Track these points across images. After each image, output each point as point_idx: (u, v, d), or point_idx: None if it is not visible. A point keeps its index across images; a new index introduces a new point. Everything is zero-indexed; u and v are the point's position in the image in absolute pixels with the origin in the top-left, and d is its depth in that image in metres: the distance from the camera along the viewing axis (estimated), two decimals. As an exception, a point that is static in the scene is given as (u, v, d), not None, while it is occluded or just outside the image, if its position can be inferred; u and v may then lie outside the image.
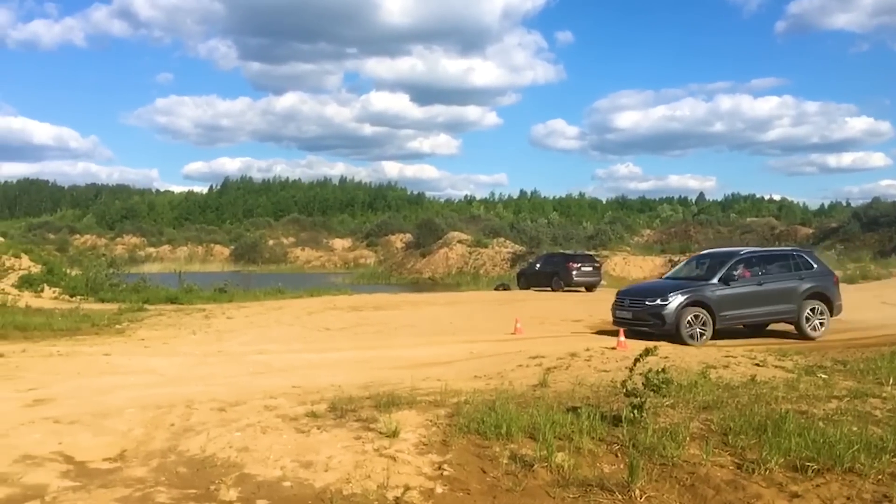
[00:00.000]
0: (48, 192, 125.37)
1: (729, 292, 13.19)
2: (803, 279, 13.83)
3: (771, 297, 13.43)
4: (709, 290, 13.17)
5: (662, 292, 13.17)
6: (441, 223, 61.95)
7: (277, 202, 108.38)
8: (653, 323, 12.90)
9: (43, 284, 24.76)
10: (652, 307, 12.99)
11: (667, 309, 12.78)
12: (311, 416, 6.35)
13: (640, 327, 12.98)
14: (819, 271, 14.25)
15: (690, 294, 13.02)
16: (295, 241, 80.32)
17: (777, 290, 13.55)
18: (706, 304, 12.93)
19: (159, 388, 8.77)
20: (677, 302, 12.82)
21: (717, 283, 13.29)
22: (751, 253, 14.57)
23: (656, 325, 12.81)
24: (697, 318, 12.79)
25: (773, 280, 13.68)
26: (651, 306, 13.01)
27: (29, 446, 5.67)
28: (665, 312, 12.77)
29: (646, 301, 13.19)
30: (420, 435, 5.68)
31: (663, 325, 12.74)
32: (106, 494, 4.68)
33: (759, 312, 13.46)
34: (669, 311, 12.76)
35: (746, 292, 13.34)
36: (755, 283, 13.46)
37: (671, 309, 12.77)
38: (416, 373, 8.93)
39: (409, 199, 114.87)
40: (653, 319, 12.92)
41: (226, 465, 5.19)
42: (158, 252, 77.62)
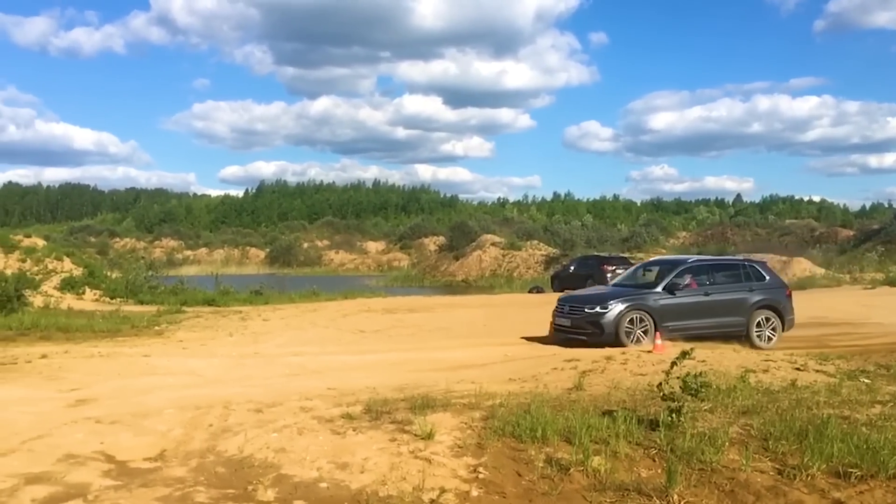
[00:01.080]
0: (89, 196, 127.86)
1: (673, 302, 12.54)
2: (754, 291, 13.12)
3: (718, 309, 12.73)
4: (652, 298, 12.53)
5: (602, 300, 12.55)
6: (474, 226, 61.92)
7: (312, 205, 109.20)
8: (591, 332, 12.21)
9: (84, 287, 25.24)
10: (591, 315, 12.29)
11: (605, 318, 12.13)
12: (347, 417, 6.38)
13: (578, 336, 12.39)
14: (771, 283, 13.55)
15: (632, 302, 12.38)
16: (329, 243, 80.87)
17: (725, 301, 12.88)
18: (648, 314, 12.29)
19: (197, 388, 8.90)
20: (617, 310, 12.17)
21: (661, 291, 12.64)
22: (699, 261, 13.97)
23: (594, 335, 12.13)
24: (640, 322, 12.19)
25: (721, 291, 13.00)
26: (590, 314, 12.31)
27: (72, 445, 5.79)
28: (604, 321, 12.12)
29: (585, 308, 12.50)
30: (455, 437, 5.68)
31: (601, 335, 12.06)
32: (146, 493, 4.75)
33: (706, 324, 12.49)
34: (608, 319, 12.11)
35: (692, 302, 12.67)
36: (702, 294, 12.82)
37: (610, 318, 12.11)
38: (451, 375, 8.94)
39: (443, 202, 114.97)
40: (591, 328, 12.24)
41: (263, 466, 5.25)
42: (195, 255, 78.64)
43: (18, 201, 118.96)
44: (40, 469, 5.20)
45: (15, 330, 14.34)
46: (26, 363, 10.67)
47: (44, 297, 21.43)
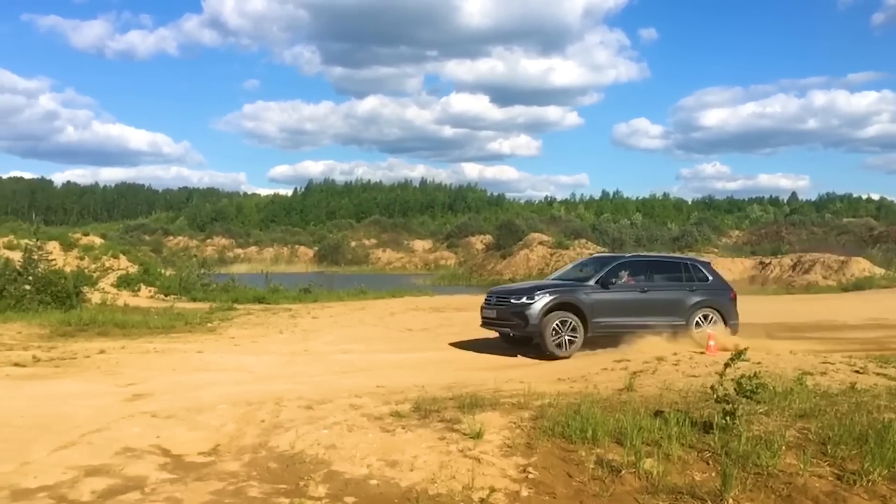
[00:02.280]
0: (144, 195, 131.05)
1: (606, 297, 11.86)
2: (694, 291, 12.47)
3: (655, 307, 12.09)
4: (583, 292, 11.85)
5: (529, 291, 11.91)
6: (521, 224, 61.70)
7: (359, 204, 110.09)
8: (515, 323, 11.64)
9: (139, 284, 25.84)
10: (516, 306, 11.64)
11: (531, 309, 11.41)
12: (396, 415, 6.41)
13: (503, 328, 12.02)
14: (714, 284, 12.90)
15: (560, 294, 11.72)
16: (376, 242, 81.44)
17: (663, 299, 12.26)
18: (577, 308, 11.60)
19: (249, 385, 9.04)
20: (543, 302, 11.46)
21: (593, 285, 11.98)
22: (637, 258, 13.41)
23: (518, 326, 11.61)
24: (566, 323, 11.43)
25: (659, 289, 12.40)
26: (515, 305, 11.66)
27: (129, 439, 5.93)
28: (529, 312, 11.39)
29: (511, 299, 11.85)
30: (504, 437, 5.66)
31: (526, 327, 11.46)
32: (201, 487, 4.84)
33: (640, 322, 11.90)
34: (533, 311, 11.38)
35: (627, 299, 12.05)
36: (638, 290, 12.20)
37: (535, 309, 11.39)
38: (499, 374, 8.91)
39: (489, 201, 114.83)
40: (515, 319, 11.60)
41: (314, 462, 5.30)
42: (246, 253, 79.95)
43: (77, 200, 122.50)
44: (99, 462, 5.35)
45: (74, 326, 14.75)
46: (85, 358, 10.97)
47: (101, 293, 21.99)
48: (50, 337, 13.61)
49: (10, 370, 10.01)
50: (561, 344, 11.27)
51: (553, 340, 11.23)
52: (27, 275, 19.27)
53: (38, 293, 18.17)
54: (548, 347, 11.20)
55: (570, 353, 11.22)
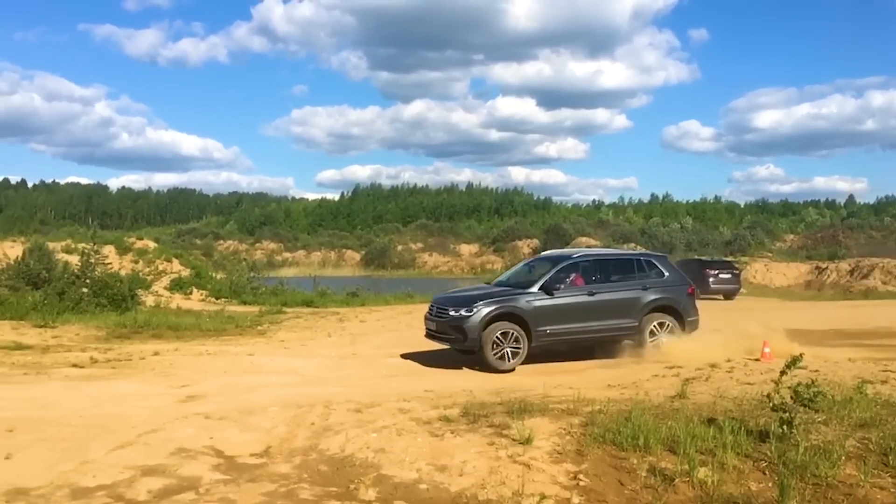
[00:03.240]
0: (195, 200, 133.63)
1: (550, 303, 11.04)
2: (648, 289, 11.62)
3: (605, 310, 11.28)
4: (524, 300, 11.06)
5: (468, 302, 11.12)
6: (569, 228, 61.36)
7: (406, 208, 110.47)
8: (454, 337, 10.96)
9: (192, 287, 26.38)
10: (454, 319, 10.92)
11: (469, 322, 10.70)
12: (445, 420, 6.40)
13: (444, 342, 11.34)
14: (670, 280, 12.01)
15: (500, 305, 10.96)
16: (423, 246, 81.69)
17: (613, 301, 11.42)
18: (519, 318, 10.87)
19: (299, 387, 9.14)
20: (482, 314, 10.75)
21: (536, 291, 11.15)
22: (584, 257, 12.26)
23: (458, 341, 10.94)
24: (507, 334, 10.73)
25: (609, 289, 11.54)
26: (453, 318, 10.94)
27: (183, 440, 6.04)
28: (467, 326, 10.69)
29: (449, 311, 11.11)
30: (554, 443, 5.61)
31: (465, 341, 10.80)
32: (254, 489, 4.90)
33: (589, 328, 11.21)
34: (472, 324, 10.68)
35: (573, 303, 11.22)
36: (585, 293, 11.34)
37: (474, 322, 10.68)
38: (548, 380, 8.84)
39: (536, 205, 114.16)
40: (454, 333, 10.92)
41: (364, 466, 5.33)
42: (294, 257, 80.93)
43: (131, 205, 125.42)
44: (155, 462, 5.46)
45: (129, 328, 15.12)
46: (140, 360, 11.23)
47: (155, 296, 22.51)
48: (106, 338, 13.97)
49: (69, 371, 10.30)
50: (503, 356, 10.67)
51: (494, 353, 10.63)
52: (85, 278, 19.84)
53: (95, 296, 18.68)
54: (488, 361, 10.62)
55: (512, 365, 10.64)
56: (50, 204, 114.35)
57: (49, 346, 12.58)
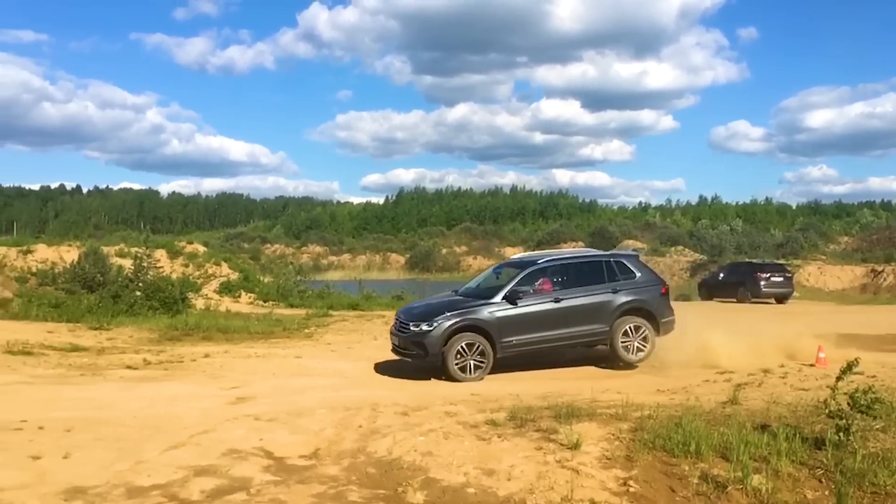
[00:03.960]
0: (242, 204, 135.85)
1: (515, 313, 10.57)
2: (618, 291, 11.09)
3: (573, 317, 10.80)
4: (487, 310, 10.56)
5: (429, 315, 10.65)
6: (615, 231, 60.76)
7: (450, 211, 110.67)
8: (415, 353, 10.49)
9: (240, 290, 26.76)
10: (414, 334, 10.46)
11: (429, 336, 10.25)
12: (491, 424, 6.39)
13: (406, 357, 10.79)
14: (642, 280, 11.44)
15: (461, 317, 10.46)
16: (467, 249, 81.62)
17: (581, 306, 10.89)
18: (482, 329, 10.42)
19: (346, 390, 9.21)
20: (443, 328, 10.28)
21: (499, 301, 10.66)
22: (551, 261, 11.58)
23: (419, 356, 10.46)
24: (472, 346, 10.27)
25: (576, 295, 10.97)
26: (414, 333, 10.48)
27: (234, 441, 6.14)
28: (427, 341, 10.25)
29: (410, 326, 10.66)
30: (602, 448, 5.56)
31: (426, 356, 10.34)
32: (303, 490, 4.95)
33: (557, 336, 10.75)
34: (432, 339, 10.23)
35: (539, 311, 10.70)
36: (551, 300, 10.82)
37: (434, 336, 10.23)
38: (595, 384, 8.76)
39: (581, 207, 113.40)
40: (415, 349, 10.46)
41: (412, 469, 5.34)
42: (339, 260, 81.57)
43: (181, 210, 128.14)
44: (207, 462, 5.55)
45: (180, 330, 15.41)
46: (191, 361, 11.44)
47: (204, 299, 22.89)
48: (158, 341, 14.26)
49: (124, 372, 10.54)
50: (465, 368, 10.25)
51: (456, 364, 10.21)
52: (137, 281, 20.29)
53: (147, 299, 19.08)
54: (450, 372, 10.21)
55: (476, 377, 10.19)
56: (103, 209, 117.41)
57: (104, 348, 12.90)
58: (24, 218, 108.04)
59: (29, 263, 23.25)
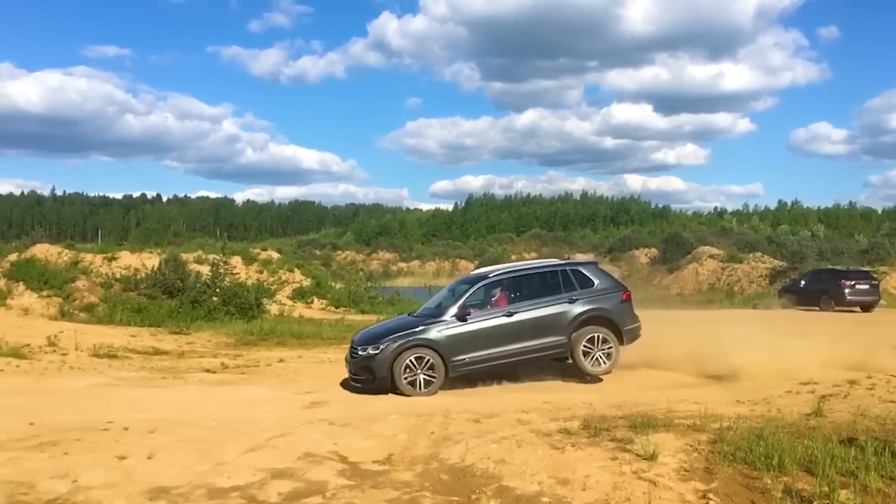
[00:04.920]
0: (314, 212, 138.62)
1: (465, 330, 10.16)
2: (576, 301, 10.60)
3: (528, 330, 10.35)
4: (436, 329, 10.16)
5: (377, 338, 10.32)
6: (689, 237, 59.25)
7: (519, 217, 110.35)
8: (364, 378, 10.06)
9: (312, 297, 27.27)
10: (362, 358, 10.06)
11: (376, 360, 9.87)
12: (565, 432, 6.31)
13: (356, 383, 10.26)
14: (601, 288, 10.94)
15: (409, 338, 10.07)
16: (537, 255, 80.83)
17: (536, 319, 10.44)
18: (433, 350, 10.01)
19: (417, 397, 9.25)
20: (389, 351, 9.88)
21: (449, 319, 10.28)
22: (502, 274, 11.19)
23: (367, 381, 10.00)
24: (422, 360, 9.90)
25: (530, 307, 10.54)
26: (362, 357, 10.08)
27: (309, 445, 6.24)
28: (374, 364, 9.88)
29: (358, 350, 10.24)
30: (680, 460, 5.42)
31: (374, 381, 9.92)
32: (377, 495, 4.99)
33: (512, 351, 10.30)
34: (379, 362, 9.85)
35: (491, 327, 10.29)
36: (503, 314, 10.38)
37: (381, 360, 9.85)
38: (672, 394, 8.54)
39: (654, 213, 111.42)
40: (363, 374, 10.07)
41: (485, 476, 5.32)
42: (409, 266, 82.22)
43: (255, 217, 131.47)
44: (284, 465, 5.65)
45: (256, 335, 15.81)
46: (267, 366, 11.72)
47: (278, 305, 23.42)
48: (235, 345, 14.65)
49: (203, 376, 10.86)
50: (414, 382, 9.84)
51: (406, 378, 9.81)
52: (215, 287, 20.90)
53: (224, 304, 19.64)
54: (399, 386, 9.82)
55: (426, 392, 9.76)
56: (182, 217, 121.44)
57: (184, 352, 13.33)
58: (108, 226, 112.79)
59: (113, 269, 24.19)
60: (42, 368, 11.34)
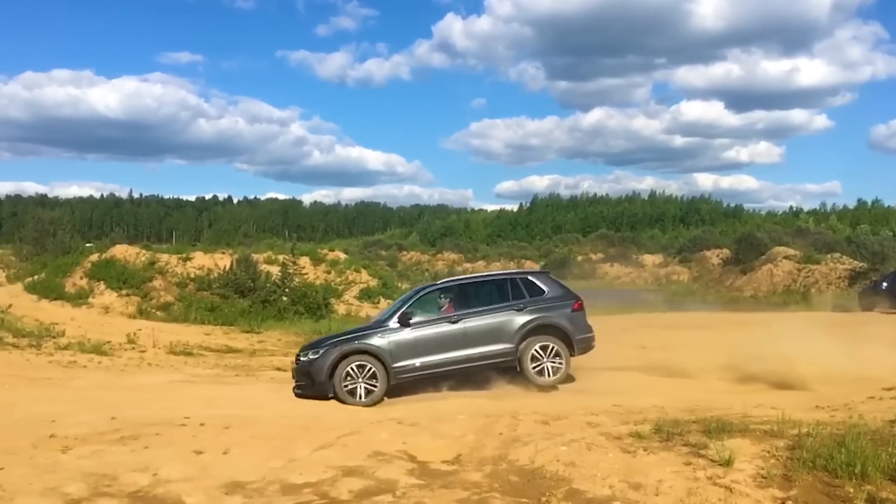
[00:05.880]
0: (379, 213, 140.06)
1: (408, 337, 10.02)
2: (524, 309, 10.35)
3: (473, 338, 10.11)
4: (378, 335, 10.04)
5: (319, 343, 10.32)
6: (763, 237, 57.53)
7: (585, 218, 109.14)
8: (304, 384, 9.91)
9: (379, 297, 27.46)
10: (302, 364, 9.96)
11: (315, 365, 9.73)
12: (636, 436, 6.21)
13: (296, 388, 10.09)
14: (551, 297, 10.67)
15: (349, 343, 9.97)
16: (604, 256, 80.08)
17: (481, 326, 10.21)
18: (374, 355, 9.82)
19: (484, 397, 9.27)
20: (329, 356, 9.72)
21: (392, 325, 10.15)
22: (448, 282, 11.38)
23: (307, 387, 9.86)
24: (363, 367, 9.66)
25: (476, 315, 10.31)
26: (302, 363, 9.98)
27: (378, 444, 6.31)
28: (313, 370, 9.72)
29: (300, 356, 10.21)
30: (757, 466, 5.27)
31: (312, 386, 9.77)
32: (447, 495, 5.00)
33: (456, 359, 10.02)
34: (318, 367, 9.68)
35: (434, 334, 10.11)
36: (447, 322, 10.20)
37: (319, 365, 9.68)
38: (747, 398, 8.33)
39: (726, 213, 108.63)
40: (303, 379, 9.92)
41: (554, 479, 5.28)
42: (474, 267, 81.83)
43: (322, 218, 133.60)
44: (354, 463, 5.73)
45: (324, 335, 16.03)
46: (336, 365, 11.84)
47: (346, 305, 23.73)
48: (305, 344, 14.89)
49: (274, 374, 11.10)
50: (354, 391, 9.61)
51: (345, 386, 9.58)
52: (284, 287, 21.32)
53: (293, 304, 20.01)
54: (338, 394, 9.59)
55: (367, 402, 9.48)
56: (252, 218, 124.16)
57: (255, 350, 13.64)
58: (182, 227, 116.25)
59: (188, 269, 24.88)
60: (122, 365, 11.77)
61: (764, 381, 10.40)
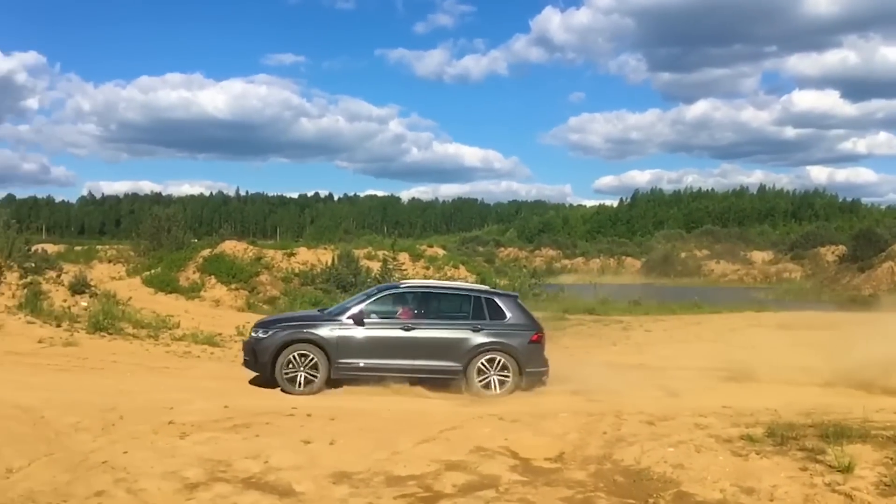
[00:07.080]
0: (477, 209, 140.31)
1: (358, 335, 9.84)
2: (480, 331, 9.95)
3: (423, 349, 9.80)
4: (329, 327, 9.90)
5: (271, 324, 10.43)
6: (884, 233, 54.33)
7: (689, 213, 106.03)
8: (249, 360, 10.10)
9: (478, 293, 27.59)
10: (251, 340, 10.14)
11: (261, 344, 9.80)
12: (747, 439, 5.98)
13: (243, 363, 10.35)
14: (511, 324, 10.17)
15: (297, 330, 9.96)
16: (709, 253, 77.58)
17: (432, 340, 9.90)
18: (319, 346, 9.68)
19: (586, 395, 9.11)
20: (277, 337, 9.76)
21: (344, 320, 9.96)
22: (411, 288, 10.98)
23: (250, 363, 10.07)
24: (306, 357, 9.59)
25: (430, 327, 10.00)
26: (252, 339, 10.16)
27: (480, 439, 6.33)
28: (258, 348, 9.80)
29: (251, 332, 10.34)
30: (879, 473, 5.00)
31: (255, 363, 9.93)
32: (551, 493, 4.97)
33: (403, 366, 9.73)
34: (263, 346, 9.75)
35: (384, 338, 9.92)
36: (400, 328, 9.96)
37: (266, 345, 9.73)
38: (868, 402, 7.87)
39: (841, 207, 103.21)
40: (249, 355, 10.06)
41: (662, 480, 5.16)
42: (573, 264, 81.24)
43: (420, 215, 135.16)
44: (456, 458, 5.77)
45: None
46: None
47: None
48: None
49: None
50: (294, 379, 9.59)
51: (285, 374, 9.60)
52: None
53: (394, 299, 20.30)
54: (278, 380, 9.65)
55: (306, 391, 9.47)
56: (352, 214, 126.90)
57: (358, 344, 13.89)
58: (286, 223, 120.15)
59: (292, 265, 25.70)
60: (233, 356, 12.25)
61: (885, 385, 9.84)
